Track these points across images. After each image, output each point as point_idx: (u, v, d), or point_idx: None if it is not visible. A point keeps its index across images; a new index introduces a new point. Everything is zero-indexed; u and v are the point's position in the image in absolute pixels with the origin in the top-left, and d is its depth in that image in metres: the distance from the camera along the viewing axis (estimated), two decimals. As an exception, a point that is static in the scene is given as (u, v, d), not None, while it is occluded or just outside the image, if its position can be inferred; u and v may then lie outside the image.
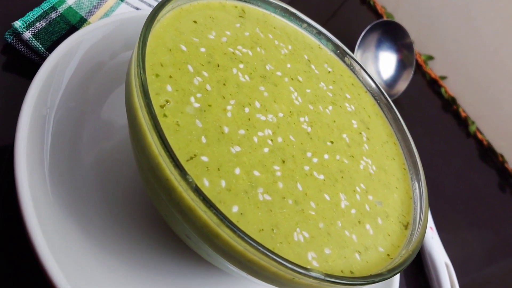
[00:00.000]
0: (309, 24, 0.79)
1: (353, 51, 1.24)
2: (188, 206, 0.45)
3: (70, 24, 0.76)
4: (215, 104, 0.56)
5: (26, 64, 0.70)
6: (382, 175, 0.68)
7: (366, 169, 0.67)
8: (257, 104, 0.60)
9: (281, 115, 0.62)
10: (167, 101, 0.52)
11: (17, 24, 0.67)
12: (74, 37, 0.66)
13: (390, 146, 0.75)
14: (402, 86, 1.31)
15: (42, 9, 0.73)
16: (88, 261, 0.55)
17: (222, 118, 0.55)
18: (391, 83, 1.30)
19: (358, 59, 1.26)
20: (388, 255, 0.59)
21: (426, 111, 1.53)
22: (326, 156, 0.63)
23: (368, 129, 0.74)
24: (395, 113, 0.78)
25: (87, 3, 0.81)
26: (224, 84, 0.59)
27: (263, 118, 0.59)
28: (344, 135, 0.68)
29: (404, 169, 0.73)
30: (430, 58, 1.64)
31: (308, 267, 0.48)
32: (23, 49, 0.68)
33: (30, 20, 0.68)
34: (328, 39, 0.80)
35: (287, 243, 0.50)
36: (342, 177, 0.62)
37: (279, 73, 0.68)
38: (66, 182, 0.58)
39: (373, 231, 0.60)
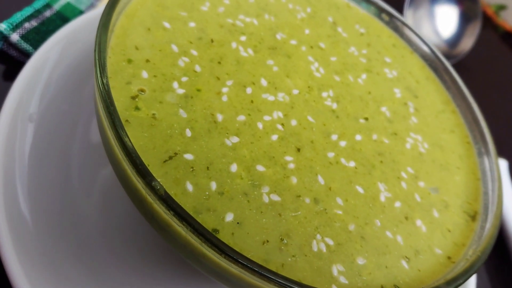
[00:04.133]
0: (332, -20, 0.66)
1: (401, 11, 1.07)
2: (163, 221, 0.35)
3: (68, 21, 0.69)
4: (206, 88, 0.45)
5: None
6: (437, 153, 0.54)
7: (415, 148, 0.53)
8: (264, 82, 0.49)
9: (295, 92, 0.50)
10: (141, 91, 0.42)
11: (2, 26, 0.61)
12: (61, 34, 0.59)
13: (447, 115, 0.60)
14: (467, 43, 1.11)
15: (34, 8, 0.67)
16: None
17: (215, 104, 0.44)
18: (454, 41, 1.11)
19: (409, 19, 1.09)
20: (449, 258, 0.45)
21: (500, 71, 1.30)
22: (358, 137, 0.50)
23: (417, 97, 0.59)
24: (452, 74, 0.62)
25: (88, -4, 0.74)
26: (219, 63, 0.48)
27: (271, 98, 0.48)
28: (384, 108, 0.55)
29: (468, 142, 0.57)
30: (502, 7, 1.39)
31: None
32: (15, 54, 0.63)
33: (17, 21, 0.63)
34: (358, -5, 0.66)
35: (302, 255, 0.38)
36: (381, 161, 0.49)
37: (293, 42, 0.55)
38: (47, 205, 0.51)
39: (427, 228, 0.46)
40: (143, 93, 0.42)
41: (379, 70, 0.59)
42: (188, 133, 0.41)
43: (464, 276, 0.40)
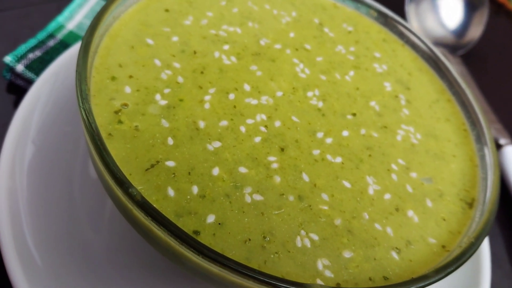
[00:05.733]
0: (316, -18, 0.66)
1: (402, 8, 1.06)
2: (144, 226, 0.37)
3: (71, 48, 0.73)
4: (189, 97, 0.47)
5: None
6: (431, 143, 0.53)
7: (407, 139, 0.52)
8: (247, 87, 0.50)
9: (279, 94, 0.51)
10: (124, 105, 0.44)
11: (7, 59, 0.65)
12: (61, 60, 0.62)
13: (442, 104, 0.59)
14: (476, 32, 1.09)
15: (38, 39, 0.71)
16: None
17: (197, 112, 0.46)
18: (461, 31, 1.09)
19: (411, 14, 1.08)
20: (444, 246, 0.44)
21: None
22: (345, 133, 0.50)
23: (409, 89, 0.59)
24: (443, 63, 0.61)
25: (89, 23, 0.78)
26: (202, 72, 0.50)
27: (254, 102, 0.49)
28: (373, 103, 0.55)
29: (465, 130, 0.56)
30: (514, -8, 1.35)
31: (309, 283, 0.37)
32: (22, 83, 0.67)
33: (22, 53, 0.67)
34: (345, -6, 0.67)
35: (285, 252, 0.39)
36: (369, 155, 0.49)
37: (278, 46, 0.57)
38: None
39: (419, 218, 0.45)
40: (126, 107, 0.44)
41: (368, 66, 0.60)
42: (170, 141, 0.43)
43: (455, 263, 0.40)
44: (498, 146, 0.80)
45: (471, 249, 0.41)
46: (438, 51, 0.62)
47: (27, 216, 0.49)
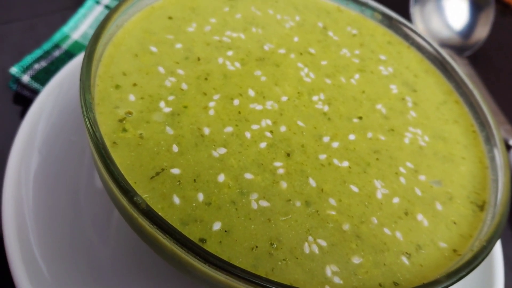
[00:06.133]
0: (320, -14, 0.66)
1: (407, 10, 1.05)
2: (150, 234, 0.36)
3: (76, 58, 0.73)
4: (193, 104, 0.47)
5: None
6: (440, 145, 0.52)
7: (414, 142, 0.52)
8: (251, 93, 0.50)
9: (284, 99, 0.51)
10: (128, 113, 0.44)
11: (13, 70, 0.66)
12: (66, 70, 0.63)
13: (450, 106, 0.58)
14: (482, 32, 1.08)
15: (44, 50, 0.71)
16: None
17: (202, 118, 0.46)
18: (467, 32, 1.08)
19: (417, 16, 1.07)
20: (455, 250, 0.43)
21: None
22: (351, 137, 0.49)
23: (415, 91, 0.58)
24: (450, 64, 0.61)
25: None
26: (206, 79, 0.50)
27: (259, 107, 0.49)
28: (379, 106, 0.54)
29: (474, 131, 0.56)
30: (520, -9, 1.34)
31: (317, 288, 0.36)
32: (28, 94, 0.67)
33: (28, 64, 0.67)
34: (348, -3, 0.67)
35: (293, 258, 0.38)
36: (377, 159, 0.48)
37: (282, 51, 0.56)
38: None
39: (429, 222, 0.45)
40: (130, 115, 0.44)
41: (373, 68, 0.59)
42: (175, 148, 0.43)
43: (467, 267, 0.39)
44: (508, 147, 0.79)
45: (483, 252, 0.40)
46: (444, 52, 0.61)
47: (33, 226, 0.49)
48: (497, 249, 0.56)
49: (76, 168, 0.57)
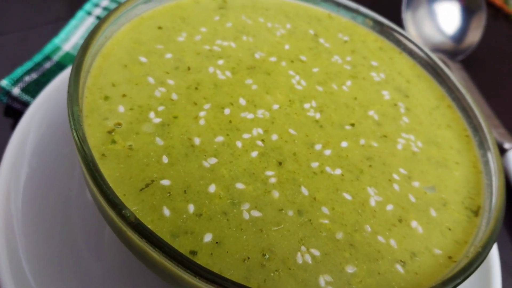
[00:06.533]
0: (310, -6, 0.66)
1: (399, 16, 1.05)
2: (139, 247, 0.36)
3: (67, 69, 0.73)
4: (183, 114, 0.46)
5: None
6: (433, 151, 0.52)
7: (407, 148, 0.51)
8: (242, 102, 0.50)
9: (276, 107, 0.50)
10: (117, 124, 0.44)
11: (3, 82, 0.65)
12: (56, 82, 0.62)
13: (443, 111, 0.58)
14: (474, 36, 1.08)
15: (34, 62, 0.71)
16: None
17: (192, 128, 0.45)
18: (459, 36, 1.08)
19: (409, 21, 1.08)
20: (450, 257, 0.43)
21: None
22: (344, 144, 0.49)
23: (407, 97, 0.58)
24: (442, 69, 0.61)
25: (85, 43, 0.78)
26: (196, 88, 0.49)
27: (250, 116, 0.48)
28: (371, 112, 0.54)
29: (467, 136, 0.55)
30: (511, -5, 1.35)
31: (310, 300, 0.35)
32: (19, 107, 0.67)
33: (18, 76, 0.67)
34: (339, 4, 0.66)
35: (286, 269, 0.38)
36: (370, 166, 0.48)
37: (273, 59, 0.56)
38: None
39: (424, 229, 0.44)
40: (119, 126, 0.43)
41: (365, 75, 0.59)
42: (165, 159, 0.42)
43: (462, 274, 0.38)
44: (503, 151, 0.79)
45: (478, 258, 0.40)
46: (435, 57, 0.61)
47: (22, 240, 0.49)
48: (494, 254, 0.56)
49: (67, 180, 0.57)
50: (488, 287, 0.53)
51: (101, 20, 0.49)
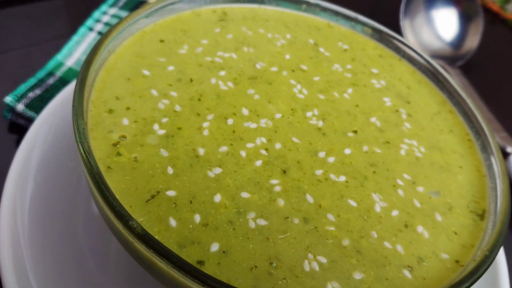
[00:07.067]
0: (309, 4, 0.67)
1: (397, 23, 1.06)
2: (147, 258, 0.36)
3: (71, 85, 0.74)
4: (187, 125, 0.47)
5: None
6: (436, 155, 0.52)
7: (411, 153, 0.51)
8: (245, 111, 0.50)
9: (278, 116, 0.51)
10: (122, 137, 0.44)
11: (8, 99, 0.66)
12: (60, 97, 0.63)
13: (444, 116, 0.58)
14: (473, 42, 1.09)
15: (38, 78, 0.72)
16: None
17: (196, 139, 0.46)
18: (458, 42, 1.09)
19: (407, 29, 1.09)
20: (458, 261, 0.43)
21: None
22: (347, 151, 0.49)
23: (409, 103, 0.58)
24: (442, 74, 0.61)
25: (87, 59, 0.79)
26: (199, 99, 0.50)
27: (253, 126, 0.49)
28: (373, 119, 0.54)
29: (469, 140, 0.56)
30: (507, 1, 1.36)
31: (319, 307, 0.35)
32: (23, 123, 0.67)
33: (22, 92, 0.67)
34: (338, 13, 0.67)
35: (293, 277, 0.38)
36: (374, 172, 0.48)
37: (274, 69, 0.57)
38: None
39: (430, 234, 0.44)
40: (124, 139, 0.44)
41: (366, 82, 0.59)
42: (170, 170, 0.42)
43: (470, 278, 0.38)
44: (506, 154, 0.79)
45: (486, 262, 0.40)
46: (435, 63, 0.62)
47: (29, 255, 0.49)
48: (501, 258, 0.56)
49: (73, 194, 0.57)
50: (497, 291, 0.52)
51: (103, 35, 0.49)
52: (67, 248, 0.52)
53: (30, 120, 0.67)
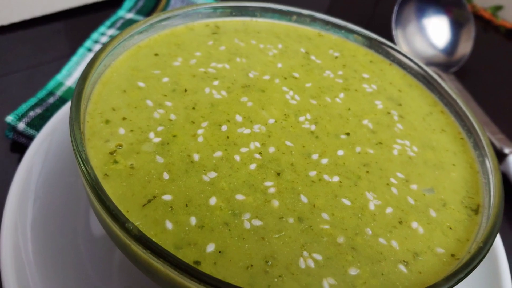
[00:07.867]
0: (299, 15, 0.69)
1: (390, 33, 1.08)
2: (144, 260, 0.36)
3: (70, 103, 0.75)
4: (182, 132, 0.48)
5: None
6: (429, 154, 0.53)
7: (403, 153, 0.52)
8: (239, 118, 0.51)
9: (271, 121, 0.52)
10: (118, 146, 0.45)
11: (9, 118, 0.67)
12: (60, 114, 0.64)
13: (436, 116, 0.59)
14: (465, 48, 1.10)
15: (38, 97, 0.73)
16: None
17: (191, 145, 0.47)
18: (450, 49, 1.10)
19: (400, 38, 1.10)
20: (453, 255, 0.43)
21: (509, 69, 1.27)
22: (340, 153, 0.50)
23: (400, 105, 0.59)
24: (432, 76, 0.62)
25: (86, 78, 0.81)
26: (194, 108, 0.51)
27: (247, 131, 0.50)
28: (365, 121, 0.55)
29: (462, 138, 0.56)
30: (499, 8, 1.38)
31: (314, 301, 0.36)
32: (24, 141, 0.69)
33: (23, 111, 0.69)
34: (328, 22, 0.69)
35: (289, 274, 0.38)
36: (367, 171, 0.49)
37: (266, 77, 0.58)
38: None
39: (424, 229, 0.45)
40: (120, 147, 0.45)
41: (357, 86, 0.61)
42: (166, 176, 0.43)
43: (464, 269, 0.39)
44: (503, 155, 0.79)
45: (480, 253, 0.40)
46: (425, 66, 0.63)
47: (33, 272, 0.49)
48: (502, 254, 0.56)
49: (74, 209, 0.58)
50: (498, 285, 0.52)
51: (99, 50, 0.51)
52: (69, 262, 0.52)
53: (31, 139, 0.68)
